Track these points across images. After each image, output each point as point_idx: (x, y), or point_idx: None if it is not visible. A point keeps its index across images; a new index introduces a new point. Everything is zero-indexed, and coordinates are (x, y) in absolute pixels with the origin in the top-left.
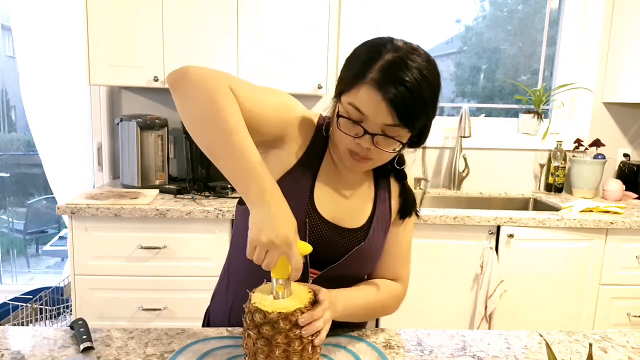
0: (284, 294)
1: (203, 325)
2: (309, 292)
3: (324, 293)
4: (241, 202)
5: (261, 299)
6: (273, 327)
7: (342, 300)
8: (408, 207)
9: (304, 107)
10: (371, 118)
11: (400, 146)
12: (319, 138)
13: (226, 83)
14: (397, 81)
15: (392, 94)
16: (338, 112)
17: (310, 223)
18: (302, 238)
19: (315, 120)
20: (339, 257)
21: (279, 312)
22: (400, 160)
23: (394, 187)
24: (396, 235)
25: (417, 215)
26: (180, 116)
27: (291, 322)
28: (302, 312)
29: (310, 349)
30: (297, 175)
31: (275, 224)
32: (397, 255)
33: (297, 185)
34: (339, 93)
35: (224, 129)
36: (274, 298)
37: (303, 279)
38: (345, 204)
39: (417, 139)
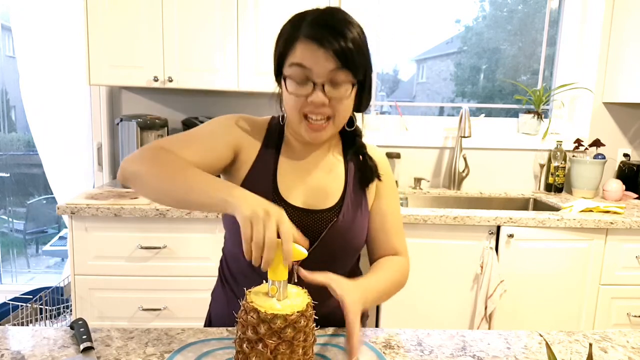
0: (279, 296)
1: (205, 326)
2: (306, 295)
3: (351, 292)
4: None
5: (257, 298)
6: (265, 327)
7: (370, 291)
8: (367, 174)
9: (250, 117)
10: (315, 69)
11: (350, 91)
12: (272, 134)
13: (155, 147)
14: (327, 27)
15: (326, 39)
16: (284, 78)
17: None
18: None
19: (266, 121)
20: (318, 239)
21: (273, 313)
22: (350, 122)
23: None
24: (381, 209)
25: (379, 178)
26: (147, 198)
27: (284, 324)
28: (301, 315)
29: (300, 350)
30: (257, 171)
31: (263, 201)
32: (389, 228)
33: (259, 180)
34: (278, 70)
35: (173, 175)
36: (271, 297)
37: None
38: (314, 186)
39: (361, 91)
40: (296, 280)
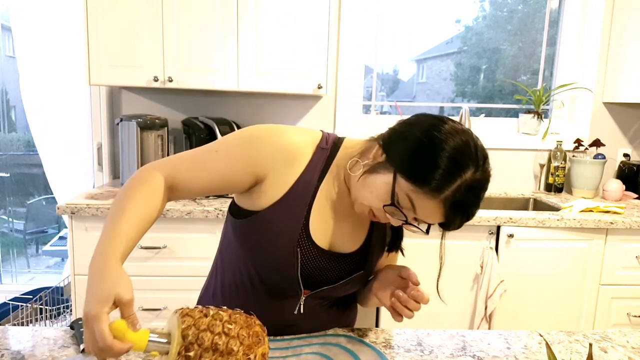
0: (162, 352)
1: None
2: (178, 322)
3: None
4: (231, 210)
5: None
6: None
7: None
8: (396, 242)
9: (290, 136)
10: (419, 218)
11: None
12: (317, 162)
13: (150, 168)
14: (465, 212)
15: (456, 223)
16: (394, 193)
17: (302, 252)
18: (293, 267)
19: (313, 143)
20: (333, 279)
21: None
22: None
23: None
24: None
25: (403, 253)
26: None
27: None
28: (186, 347)
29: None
30: (291, 201)
31: (85, 298)
32: (389, 260)
33: (291, 213)
34: (397, 167)
35: (114, 206)
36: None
37: (295, 298)
38: (341, 228)
39: None
40: (302, 312)
